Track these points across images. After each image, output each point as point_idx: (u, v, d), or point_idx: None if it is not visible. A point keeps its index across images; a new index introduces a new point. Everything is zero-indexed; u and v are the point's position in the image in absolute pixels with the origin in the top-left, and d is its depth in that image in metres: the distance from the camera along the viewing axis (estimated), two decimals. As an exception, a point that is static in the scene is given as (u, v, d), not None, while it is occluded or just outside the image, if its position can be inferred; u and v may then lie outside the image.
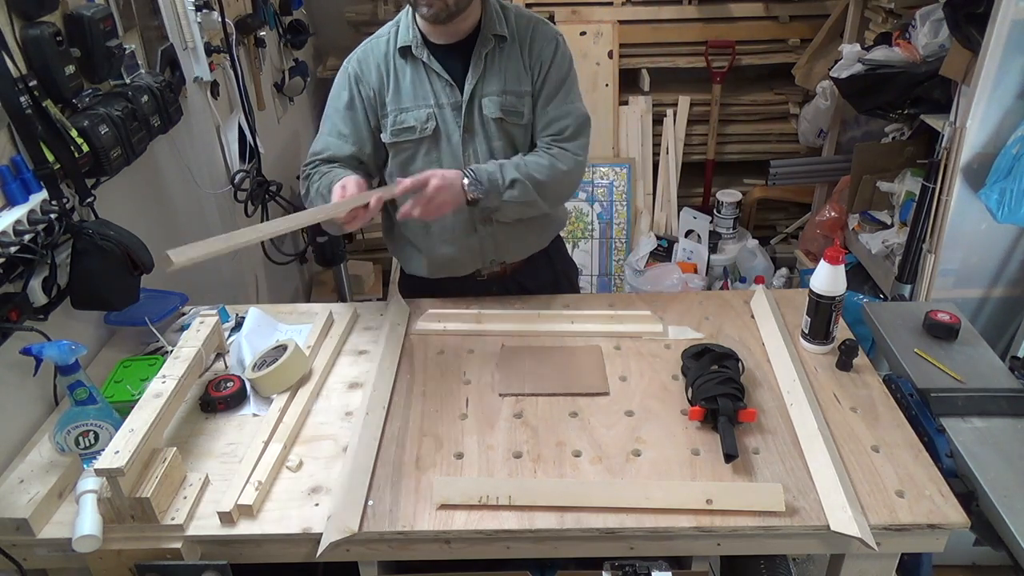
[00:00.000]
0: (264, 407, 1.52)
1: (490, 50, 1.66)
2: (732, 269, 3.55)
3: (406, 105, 1.68)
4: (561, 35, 1.73)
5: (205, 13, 2.21)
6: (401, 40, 1.67)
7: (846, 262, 1.58)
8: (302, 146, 3.47)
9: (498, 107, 1.68)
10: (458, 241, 1.79)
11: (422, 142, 1.70)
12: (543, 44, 1.69)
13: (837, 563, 1.34)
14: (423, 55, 1.66)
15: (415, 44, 1.65)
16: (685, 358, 1.58)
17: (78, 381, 1.37)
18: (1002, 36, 2.03)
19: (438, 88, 1.67)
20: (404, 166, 1.74)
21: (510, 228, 1.79)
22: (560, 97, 1.70)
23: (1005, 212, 2.11)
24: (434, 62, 1.66)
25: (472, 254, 1.82)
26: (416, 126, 1.68)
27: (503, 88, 1.68)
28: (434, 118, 1.68)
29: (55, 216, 1.45)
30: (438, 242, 1.80)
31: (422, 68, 1.67)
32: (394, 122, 1.69)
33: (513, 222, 1.76)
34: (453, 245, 1.80)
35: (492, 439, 1.43)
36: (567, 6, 3.42)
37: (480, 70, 1.66)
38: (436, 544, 1.27)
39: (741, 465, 1.34)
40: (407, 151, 1.72)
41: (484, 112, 1.68)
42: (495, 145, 1.71)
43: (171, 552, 1.24)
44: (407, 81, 1.68)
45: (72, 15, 1.59)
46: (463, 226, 1.77)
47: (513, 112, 1.69)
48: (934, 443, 1.44)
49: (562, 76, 1.70)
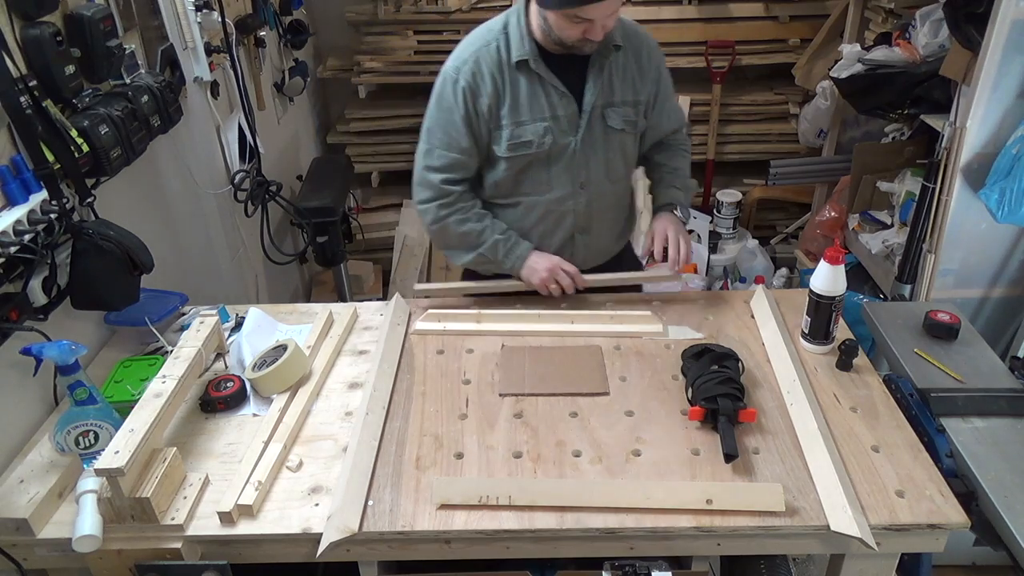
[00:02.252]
0: (264, 407, 1.52)
1: (609, 60, 1.65)
2: (732, 269, 3.55)
3: (523, 119, 1.65)
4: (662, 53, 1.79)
5: (205, 13, 2.21)
6: (516, 53, 1.61)
7: (846, 262, 1.58)
8: (302, 146, 3.48)
9: (621, 118, 1.69)
10: (555, 248, 1.80)
11: (537, 155, 1.69)
12: (650, 51, 1.73)
13: (837, 563, 1.34)
14: (540, 68, 1.62)
15: (532, 58, 1.61)
16: (685, 358, 1.58)
17: (78, 381, 1.37)
18: (1002, 36, 2.03)
19: (554, 100, 1.65)
20: (515, 178, 1.73)
21: (601, 236, 1.83)
22: (666, 96, 1.79)
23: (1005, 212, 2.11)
24: (551, 75, 1.63)
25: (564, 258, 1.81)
26: (534, 140, 1.66)
27: (623, 99, 1.68)
28: (551, 132, 1.66)
29: (55, 216, 1.45)
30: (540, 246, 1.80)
31: (537, 80, 1.63)
32: (511, 136, 1.66)
33: (605, 230, 1.82)
34: (549, 251, 1.80)
35: (492, 439, 1.43)
36: (567, 6, 3.41)
37: (601, 81, 1.65)
38: (436, 544, 1.27)
39: (741, 465, 1.34)
40: (520, 164, 1.71)
41: (608, 123, 1.68)
42: (611, 156, 1.73)
43: (171, 552, 1.24)
44: (524, 94, 1.64)
45: (72, 15, 1.59)
46: (564, 234, 1.79)
47: (631, 123, 1.71)
48: (934, 443, 1.44)
49: (669, 85, 1.80)
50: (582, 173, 1.72)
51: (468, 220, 1.72)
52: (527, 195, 1.75)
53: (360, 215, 3.53)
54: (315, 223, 2.88)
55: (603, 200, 1.77)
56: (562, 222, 1.77)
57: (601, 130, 1.69)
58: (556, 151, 1.68)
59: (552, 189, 1.73)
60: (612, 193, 1.79)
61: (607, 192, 1.77)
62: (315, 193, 3.00)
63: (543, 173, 1.71)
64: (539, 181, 1.72)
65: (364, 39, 3.52)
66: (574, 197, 1.74)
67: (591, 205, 1.76)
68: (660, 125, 1.82)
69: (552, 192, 1.73)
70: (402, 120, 3.59)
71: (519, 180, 1.73)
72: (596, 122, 1.68)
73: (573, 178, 1.72)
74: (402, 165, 3.67)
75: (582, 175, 1.72)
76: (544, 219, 1.77)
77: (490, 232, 1.73)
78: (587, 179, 1.73)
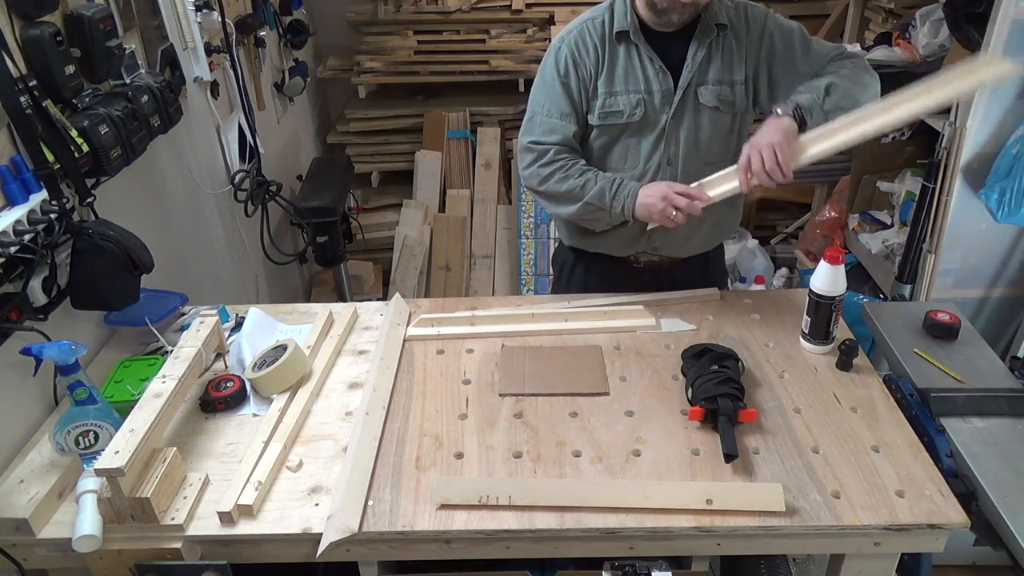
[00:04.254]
0: (264, 407, 1.52)
1: (711, 39, 1.66)
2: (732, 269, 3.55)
3: (617, 89, 1.68)
4: (769, 10, 1.71)
5: (205, 13, 2.21)
6: (618, 24, 1.66)
7: (846, 262, 1.58)
8: (302, 146, 3.48)
9: (715, 96, 1.68)
10: (635, 227, 1.78)
11: (627, 127, 1.71)
12: (757, 22, 1.68)
13: (837, 563, 1.34)
14: (639, 40, 1.66)
15: (632, 30, 1.65)
16: (685, 358, 1.58)
17: (78, 381, 1.37)
18: (1002, 36, 2.03)
19: (651, 75, 1.67)
20: (603, 149, 1.75)
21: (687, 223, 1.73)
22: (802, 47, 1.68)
23: (1005, 212, 2.11)
24: (649, 49, 1.66)
25: (631, 240, 1.81)
26: (625, 111, 1.68)
27: (719, 77, 1.68)
28: (643, 104, 1.68)
29: (55, 216, 1.44)
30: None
31: (635, 53, 1.67)
32: (603, 105, 1.69)
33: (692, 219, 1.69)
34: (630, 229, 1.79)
35: (492, 439, 1.43)
36: (567, 6, 3.42)
37: (699, 59, 1.66)
38: (436, 544, 1.27)
39: (741, 465, 1.34)
40: (609, 135, 1.73)
41: (700, 100, 1.68)
42: (702, 134, 1.72)
43: (171, 552, 1.24)
44: (620, 66, 1.68)
45: (72, 15, 1.59)
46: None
47: (727, 101, 1.69)
48: (934, 443, 1.44)
49: (798, 33, 1.69)
50: (671, 149, 1.72)
51: (570, 176, 1.70)
52: (615, 168, 1.75)
53: (360, 215, 3.53)
54: (315, 223, 2.88)
55: (691, 179, 1.70)
56: None
57: (693, 107, 1.69)
58: (647, 125, 1.70)
59: (639, 163, 1.73)
60: (703, 173, 1.70)
61: (697, 171, 1.71)
62: (315, 193, 3.00)
63: (633, 146, 1.72)
64: (627, 154, 1.73)
65: (364, 39, 3.52)
66: (660, 173, 1.73)
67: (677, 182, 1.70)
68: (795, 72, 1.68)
69: (639, 166, 1.73)
70: (402, 120, 3.59)
71: (608, 151, 1.74)
72: (689, 99, 1.69)
73: (661, 153, 1.72)
74: (402, 165, 3.67)
75: (671, 150, 1.72)
76: None
77: (594, 181, 1.69)
78: (675, 155, 1.72)
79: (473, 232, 3.64)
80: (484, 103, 3.61)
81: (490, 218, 3.63)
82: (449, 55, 3.49)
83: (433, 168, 3.58)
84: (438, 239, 3.59)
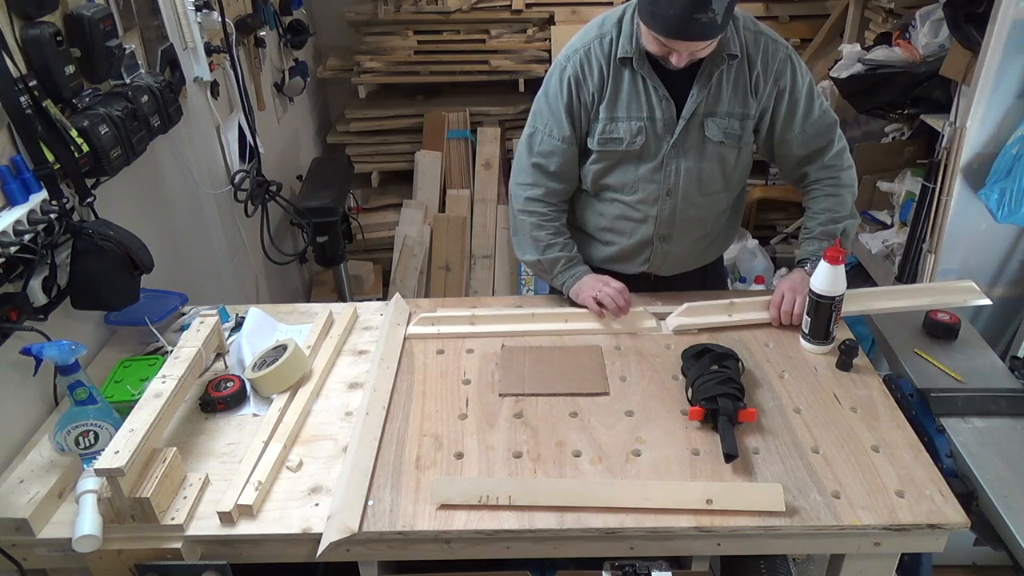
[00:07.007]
0: (264, 407, 1.52)
1: (720, 70, 1.59)
2: (732, 269, 3.55)
3: (619, 115, 1.64)
4: (789, 46, 1.66)
5: (205, 13, 2.21)
6: (622, 50, 1.60)
7: (846, 262, 1.57)
8: (302, 146, 3.48)
9: (721, 130, 1.63)
10: (631, 249, 1.80)
11: (627, 154, 1.68)
12: (776, 64, 1.62)
13: (837, 563, 1.34)
14: (643, 69, 1.60)
15: (636, 57, 1.59)
16: (685, 358, 1.58)
17: (78, 381, 1.37)
18: (1002, 36, 2.03)
19: (654, 102, 1.62)
20: (600, 174, 1.72)
21: (683, 246, 1.79)
22: (805, 109, 1.66)
23: (1005, 212, 2.11)
24: (653, 76, 1.60)
25: (640, 262, 1.83)
26: (625, 138, 1.65)
27: (727, 110, 1.63)
28: (644, 132, 1.64)
29: (55, 216, 1.44)
30: (614, 245, 1.81)
31: (640, 79, 1.62)
32: (603, 130, 1.66)
33: (688, 241, 1.78)
34: (625, 252, 1.81)
35: (492, 439, 1.43)
36: (567, 6, 3.42)
37: (706, 90, 1.60)
38: (436, 544, 1.27)
39: (741, 465, 1.34)
40: (608, 160, 1.70)
41: (706, 133, 1.64)
42: (704, 167, 1.68)
43: (171, 552, 1.24)
44: (624, 91, 1.63)
45: (72, 15, 1.59)
46: (642, 238, 1.77)
47: (733, 135, 1.65)
48: (934, 443, 1.44)
49: (806, 90, 1.65)
50: (670, 179, 1.68)
51: (544, 229, 1.75)
52: (612, 192, 1.74)
53: (360, 215, 3.53)
54: (315, 223, 2.88)
55: (690, 211, 1.72)
56: (641, 225, 1.74)
57: (697, 139, 1.64)
58: (647, 153, 1.66)
59: (637, 191, 1.71)
60: (703, 205, 1.73)
61: (696, 203, 1.72)
62: (315, 193, 3.01)
63: (630, 173, 1.69)
64: (625, 181, 1.71)
65: (364, 39, 3.52)
66: (658, 203, 1.71)
67: (675, 214, 1.72)
68: (797, 142, 1.69)
69: (636, 194, 1.71)
70: (402, 120, 3.59)
71: (606, 176, 1.72)
72: (693, 130, 1.64)
73: (660, 183, 1.69)
74: (402, 165, 3.67)
75: (670, 181, 1.68)
76: (623, 218, 1.76)
77: (558, 248, 1.76)
78: (674, 186, 1.69)
79: (473, 232, 3.64)
80: (484, 103, 3.61)
81: (490, 218, 3.63)
82: (449, 55, 3.49)
83: (433, 168, 3.58)
84: (438, 239, 3.59)
